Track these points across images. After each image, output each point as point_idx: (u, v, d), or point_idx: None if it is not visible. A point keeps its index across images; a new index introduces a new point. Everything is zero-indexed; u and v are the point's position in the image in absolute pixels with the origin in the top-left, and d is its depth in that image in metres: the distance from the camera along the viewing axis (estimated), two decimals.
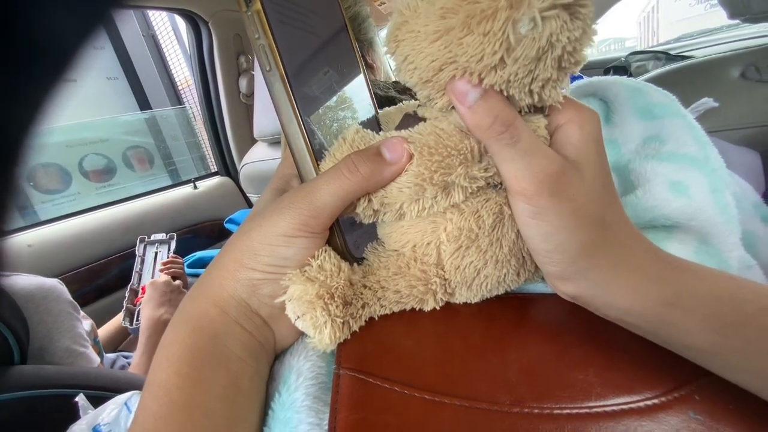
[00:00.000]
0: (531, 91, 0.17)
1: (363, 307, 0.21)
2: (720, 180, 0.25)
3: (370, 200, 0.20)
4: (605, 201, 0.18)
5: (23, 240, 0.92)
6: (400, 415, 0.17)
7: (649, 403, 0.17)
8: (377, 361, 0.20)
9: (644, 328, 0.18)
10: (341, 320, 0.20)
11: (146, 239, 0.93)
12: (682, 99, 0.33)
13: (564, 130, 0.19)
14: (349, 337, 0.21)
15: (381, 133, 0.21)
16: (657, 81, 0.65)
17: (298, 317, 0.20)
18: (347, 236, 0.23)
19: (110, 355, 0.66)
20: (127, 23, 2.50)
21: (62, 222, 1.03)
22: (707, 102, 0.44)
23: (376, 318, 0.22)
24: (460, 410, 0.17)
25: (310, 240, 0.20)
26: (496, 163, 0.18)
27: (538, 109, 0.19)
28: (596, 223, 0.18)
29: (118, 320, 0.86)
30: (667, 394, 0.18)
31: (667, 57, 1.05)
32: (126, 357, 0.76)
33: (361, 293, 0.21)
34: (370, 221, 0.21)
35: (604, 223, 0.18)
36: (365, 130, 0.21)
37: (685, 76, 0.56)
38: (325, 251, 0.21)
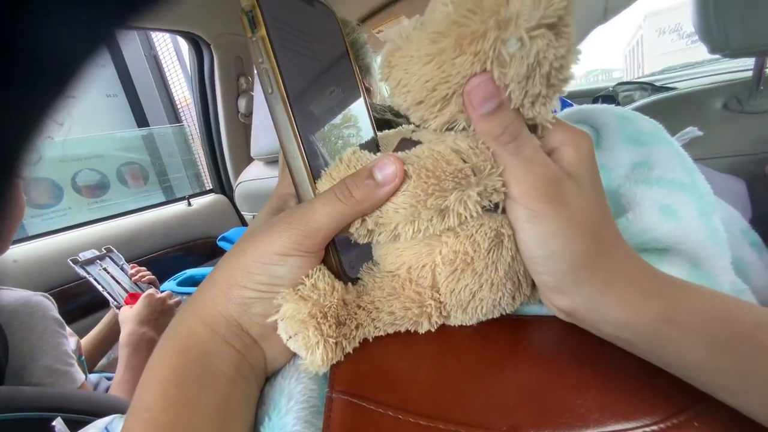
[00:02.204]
0: (523, 106, 0.18)
1: (357, 327, 0.21)
2: (708, 205, 0.26)
3: (364, 220, 0.20)
4: (600, 215, 0.19)
5: (9, 255, 0.89)
6: None
7: (647, 429, 0.17)
8: (371, 384, 0.19)
9: (640, 345, 0.18)
10: (334, 340, 0.19)
11: (79, 260, 0.86)
12: (668, 128, 0.34)
13: (559, 151, 0.19)
14: (342, 359, 0.20)
15: (378, 154, 0.21)
16: (644, 110, 0.67)
17: (290, 337, 0.19)
18: (343, 256, 0.22)
19: (93, 377, 0.64)
20: (130, 43, 2.56)
21: (51, 237, 1.01)
22: (692, 131, 0.46)
23: (371, 339, 0.22)
24: None
25: (304, 259, 0.20)
26: (501, 167, 0.19)
27: (531, 129, 0.20)
28: (592, 234, 0.18)
29: (95, 333, 0.83)
30: (666, 420, 0.17)
31: (653, 88, 1.10)
32: (109, 379, 0.73)
33: (355, 313, 0.21)
34: (365, 241, 0.21)
35: (600, 236, 0.18)
36: (362, 151, 0.22)
37: (670, 106, 0.58)
38: (319, 270, 0.21)
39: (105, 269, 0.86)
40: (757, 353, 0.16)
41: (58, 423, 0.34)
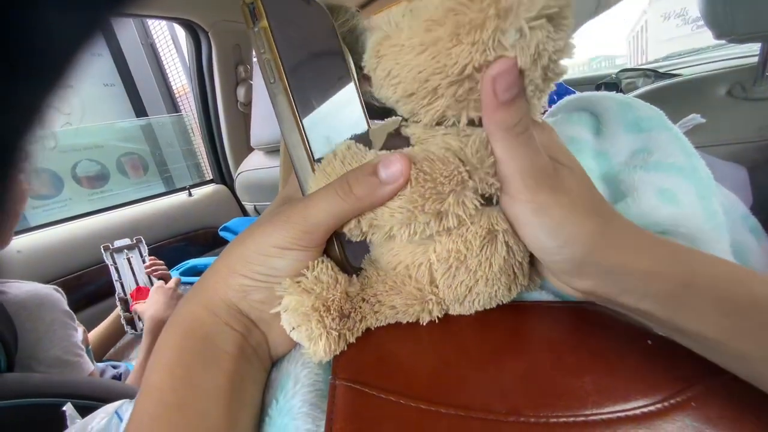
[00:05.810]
0: None
1: (361, 320, 0.21)
2: (707, 188, 0.26)
3: (359, 221, 0.20)
4: (593, 192, 0.19)
5: (12, 246, 0.90)
6: (395, 426, 0.17)
7: (645, 410, 0.17)
8: (373, 371, 0.20)
9: (659, 314, 0.18)
10: (336, 333, 0.20)
11: (111, 247, 0.90)
12: (671, 115, 0.34)
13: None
14: (345, 349, 0.21)
15: (371, 150, 0.21)
16: (647, 97, 0.67)
17: (293, 328, 0.20)
18: (347, 246, 0.23)
19: (99, 365, 0.66)
20: (126, 31, 2.52)
21: (53, 228, 1.02)
22: (695, 118, 0.45)
23: (373, 328, 0.22)
24: (456, 419, 0.17)
25: (304, 253, 0.20)
26: (502, 161, 0.18)
27: None
28: (595, 213, 0.18)
29: (102, 328, 0.85)
30: (663, 402, 0.18)
31: (656, 75, 1.08)
32: (114, 367, 0.74)
33: (360, 307, 0.21)
34: (359, 240, 0.21)
35: (601, 212, 0.18)
36: (357, 144, 0.21)
37: (674, 93, 0.57)
38: (322, 262, 0.21)
39: (129, 259, 0.89)
40: None
41: (69, 408, 0.35)
